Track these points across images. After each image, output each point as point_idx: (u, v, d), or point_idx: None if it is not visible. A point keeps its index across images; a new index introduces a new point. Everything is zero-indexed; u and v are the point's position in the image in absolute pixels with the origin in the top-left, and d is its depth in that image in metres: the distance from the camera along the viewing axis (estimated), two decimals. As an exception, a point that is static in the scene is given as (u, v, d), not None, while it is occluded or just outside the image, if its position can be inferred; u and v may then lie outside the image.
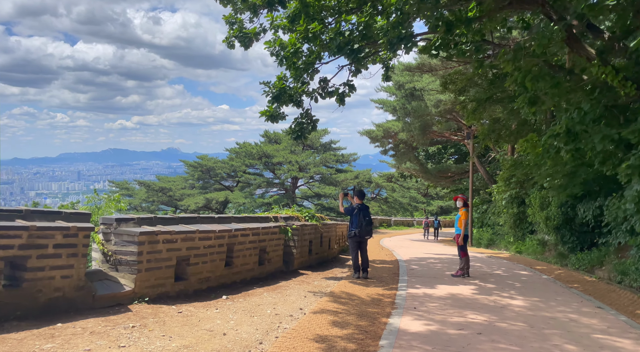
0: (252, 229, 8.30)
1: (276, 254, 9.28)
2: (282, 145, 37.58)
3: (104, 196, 12.28)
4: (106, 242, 6.18)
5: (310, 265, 10.85)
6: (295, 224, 9.96)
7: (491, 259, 14.44)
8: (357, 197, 9.51)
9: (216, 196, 36.14)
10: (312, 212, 11.43)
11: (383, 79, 12.47)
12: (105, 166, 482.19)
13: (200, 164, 38.86)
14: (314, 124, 9.23)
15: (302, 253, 10.37)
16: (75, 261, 5.39)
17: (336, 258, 13.23)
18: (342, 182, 38.47)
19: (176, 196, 37.86)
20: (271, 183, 38.00)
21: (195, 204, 35.66)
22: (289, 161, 35.26)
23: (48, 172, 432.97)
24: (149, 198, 37.97)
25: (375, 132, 26.73)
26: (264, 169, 37.99)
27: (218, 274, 7.51)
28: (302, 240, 10.29)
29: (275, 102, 8.96)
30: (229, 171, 39.51)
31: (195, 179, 40.59)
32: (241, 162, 37.42)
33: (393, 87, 25.96)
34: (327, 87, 9.40)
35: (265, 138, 40.81)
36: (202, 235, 7.10)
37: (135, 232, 6.05)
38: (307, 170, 36.49)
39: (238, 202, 35.96)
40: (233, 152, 39.57)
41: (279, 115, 9.05)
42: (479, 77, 13.28)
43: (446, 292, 7.98)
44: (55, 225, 5.19)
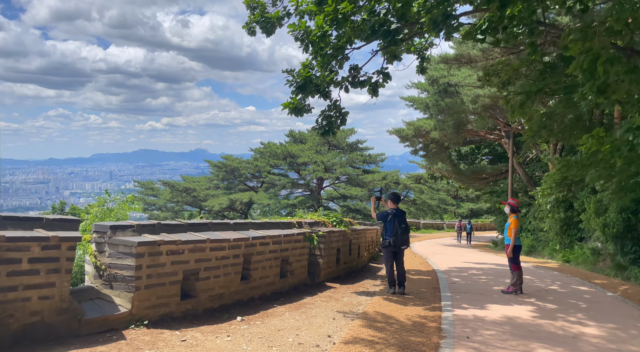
0: (272, 236, 7.26)
1: (300, 264, 8.22)
2: (308, 145, 36.56)
3: (116, 197, 11.52)
4: (99, 254, 5.24)
5: (338, 276, 9.74)
6: (322, 230, 8.88)
7: (539, 269, 12.99)
8: (391, 201, 8.36)
9: (240, 197, 35.44)
10: (339, 217, 10.33)
11: (418, 71, 11.23)
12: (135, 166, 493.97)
13: (224, 164, 38.27)
14: (343, 118, 8.13)
15: (329, 263, 9.27)
16: (57, 278, 4.45)
17: (366, 267, 12.08)
18: (369, 183, 37.18)
19: (200, 196, 37.38)
20: (296, 184, 37.05)
21: (220, 205, 35.05)
22: (314, 161, 34.23)
23: (82, 172, 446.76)
24: (174, 198, 37.62)
25: (405, 131, 25.39)
26: (289, 170, 37.07)
27: (233, 290, 6.49)
28: (329, 248, 9.19)
29: (299, 92, 7.90)
30: (254, 171, 38.77)
31: (220, 179, 40.05)
32: (266, 162, 36.61)
33: (425, 83, 24.57)
34: (358, 75, 8.29)
35: (290, 138, 39.90)
36: (214, 244, 6.10)
37: (133, 243, 5.09)
38: (333, 171, 35.36)
39: (262, 203, 35.13)
40: (257, 152, 38.82)
41: (304, 107, 7.99)
42: (527, 67, 11.87)
43: (501, 315, 6.74)
44: (30, 235, 4.26)
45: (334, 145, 38.02)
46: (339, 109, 8.19)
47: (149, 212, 39.42)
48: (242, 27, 9.03)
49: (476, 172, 29.26)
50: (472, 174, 29.27)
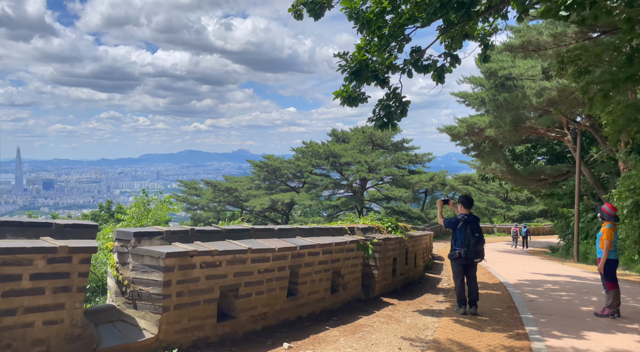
0: (322, 245, 6.24)
1: (353, 277, 7.15)
2: (351, 144, 35.40)
3: (153, 197, 10.89)
4: (122, 267, 4.39)
5: (395, 289, 8.60)
6: (377, 237, 7.78)
7: (623, 283, 11.28)
8: (462, 205, 7.15)
9: (282, 197, 34.78)
10: (393, 221, 9.18)
11: (480, 59, 9.88)
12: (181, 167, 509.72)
13: (266, 164, 37.77)
14: (403, 108, 7.00)
15: (385, 275, 8.15)
16: (66, 298, 3.62)
17: (422, 278, 10.85)
18: (416, 184, 35.54)
19: (242, 196, 37.03)
20: (338, 184, 35.97)
21: (261, 205, 34.53)
22: (357, 161, 33.04)
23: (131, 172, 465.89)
24: (216, 198, 37.50)
25: (457, 129, 23.79)
26: (331, 170, 36.04)
27: (278, 308, 5.52)
28: (385, 258, 8.08)
29: (353, 79, 6.85)
30: (295, 172, 38.05)
31: (262, 179, 39.61)
32: (307, 162, 35.78)
33: (481, 78, 22.91)
34: (421, 59, 7.14)
35: (332, 137, 38.87)
36: (256, 255, 5.15)
37: (161, 253, 4.20)
38: (377, 171, 34.03)
39: (304, 204, 34.32)
40: (299, 151, 38.06)
41: (359, 96, 6.92)
42: (612, 53, 10.27)
43: (607, 348, 5.40)
44: (32, 245, 3.43)
45: (377, 144, 36.68)
46: (399, 97, 7.07)
47: (192, 212, 39.56)
48: (288, 11, 8.06)
49: (534, 173, 27.14)
50: (529, 175, 27.18)
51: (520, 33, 15.60)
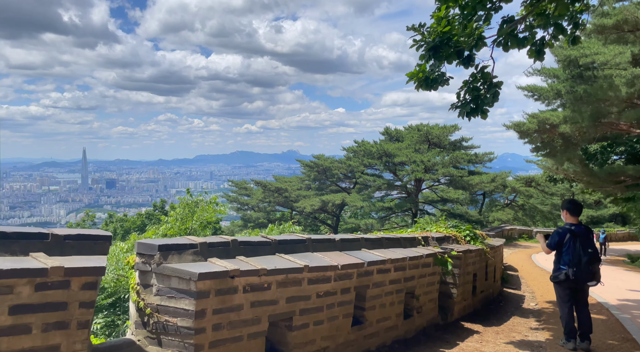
0: (394, 260, 5.02)
1: (429, 298, 5.87)
2: (405, 143, 33.66)
3: (198, 198, 10.10)
4: (143, 290, 3.40)
5: (475, 311, 7.21)
6: (455, 249, 6.44)
7: None
8: (567, 212, 5.70)
9: (332, 198, 33.67)
10: (470, 229, 7.79)
11: (567, 41, 8.25)
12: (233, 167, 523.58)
13: (316, 164, 36.82)
14: (495, 91, 5.65)
15: (465, 294, 6.80)
16: (63, 338, 2.65)
17: (502, 295, 9.32)
18: (476, 185, 33.24)
19: (292, 197, 36.30)
20: (392, 185, 34.35)
21: (311, 206, 33.60)
22: (412, 161, 31.32)
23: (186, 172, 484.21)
24: (266, 198, 37.02)
25: (526, 125, 21.60)
26: (384, 170, 34.48)
27: (341, 341, 4.37)
28: (465, 274, 6.73)
29: (432, 56, 5.57)
30: (346, 172, 36.81)
31: (312, 179, 38.71)
32: (359, 162, 34.46)
33: (554, 68, 20.68)
34: (516, 30, 5.75)
35: (385, 136, 37.27)
36: (314, 274, 4.03)
37: (192, 274, 3.17)
38: (434, 172, 32.12)
39: (355, 206, 33.04)
40: (350, 151, 36.79)
41: (438, 77, 5.64)
42: None
43: None
44: (13, 266, 2.48)
45: (434, 143, 34.68)
46: (489, 78, 5.70)
47: (242, 212, 39.36)
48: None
49: (613, 174, 24.28)
50: (607, 176, 24.35)
51: (615, 10, 13.55)
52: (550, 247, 5.65)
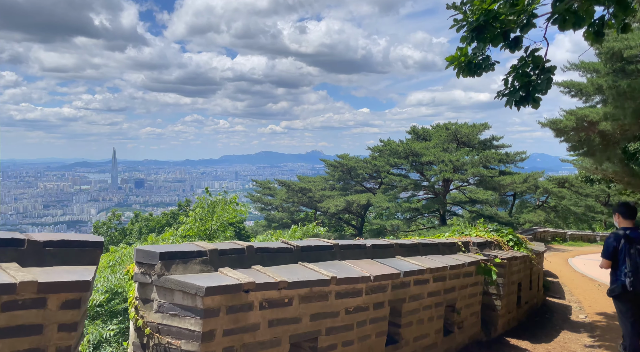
0: (434, 269, 4.40)
1: (471, 311, 5.22)
2: (433, 142, 32.65)
3: (217, 198, 9.65)
4: (143, 305, 2.89)
5: (520, 324, 6.50)
6: (499, 255, 5.76)
7: None
8: (620, 216, 4.97)
9: (357, 199, 32.97)
10: (512, 232, 7.06)
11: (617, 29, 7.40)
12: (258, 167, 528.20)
13: (340, 164, 36.17)
14: (549, 77, 4.95)
15: (509, 306, 6.10)
16: (36, 368, 2.16)
17: (546, 305, 8.52)
18: (508, 186, 31.95)
19: (316, 197, 35.74)
20: (419, 185, 33.39)
21: (336, 207, 32.98)
22: (441, 160, 30.33)
23: (212, 172, 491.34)
24: (289, 199, 36.60)
25: (563, 122, 20.48)
26: (411, 170, 33.55)
27: (373, 364, 3.78)
28: (509, 283, 6.03)
29: (475, 38, 4.92)
30: (371, 172, 36.02)
31: (336, 179, 38.07)
32: (385, 161, 33.64)
33: (594, 63, 19.50)
34: (572, 6, 5.04)
35: (412, 134, 36.30)
36: (343, 287, 3.46)
37: (198, 288, 2.64)
38: (463, 172, 31.02)
39: (381, 206, 32.25)
40: (376, 150, 35.99)
41: (483, 62, 4.99)
42: None
43: None
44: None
45: (463, 142, 33.53)
46: (541, 62, 5.00)
47: (266, 212, 39.06)
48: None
49: (657, 174, 22.88)
50: (650, 176, 22.96)
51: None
52: (607, 257, 4.92)
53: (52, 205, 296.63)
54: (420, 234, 30.62)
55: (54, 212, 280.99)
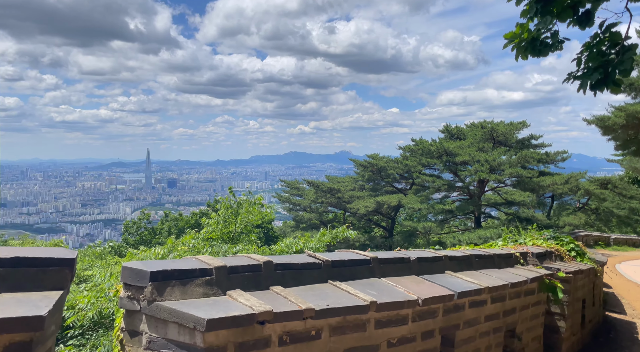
0: (492, 288, 3.62)
1: (532, 335, 4.40)
2: (467, 142, 31.32)
3: (241, 198, 9.08)
4: (130, 339, 2.27)
5: (585, 346, 5.61)
6: (562, 268, 4.91)
7: None
8: None
9: (388, 200, 31.99)
10: (572, 241, 6.16)
11: None
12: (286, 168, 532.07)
13: (370, 164, 35.27)
14: (630, 57, 4.10)
15: (574, 327, 5.23)
16: None
17: (608, 321, 7.53)
18: (548, 187, 30.30)
19: (345, 197, 34.98)
20: (453, 186, 32.14)
21: (365, 208, 32.13)
22: (476, 160, 29.00)
23: (242, 172, 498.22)
24: (318, 199, 35.97)
25: (612, 119, 19.04)
26: (444, 170, 32.31)
27: (421, 408, 3.05)
28: (575, 301, 5.16)
29: (539, 12, 4.12)
30: (402, 172, 34.96)
31: (365, 180, 37.20)
32: (417, 161, 32.52)
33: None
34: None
35: (445, 133, 35.01)
36: (384, 314, 2.75)
37: (198, 320, 1.99)
38: (500, 172, 29.62)
39: (412, 208, 31.19)
40: (407, 150, 34.88)
41: (552, 38, 4.18)
42: None
43: None
44: None
45: (499, 141, 32.04)
46: (619, 39, 4.15)
47: (294, 213, 38.59)
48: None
49: None
50: None
51: None
52: None
53: (90, 204, 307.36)
54: (455, 237, 29.44)
55: (91, 210, 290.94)
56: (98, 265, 9.03)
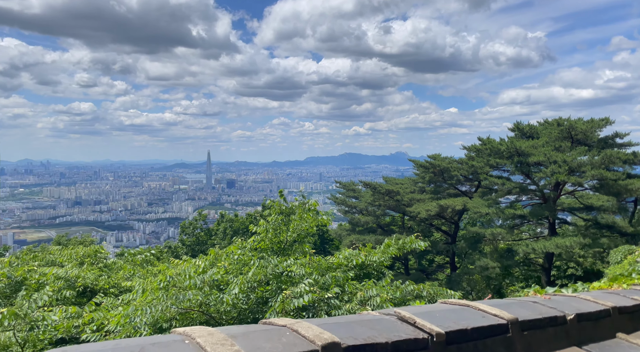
0: None
1: None
2: (542, 141, 28.45)
3: (294, 204, 7.90)
4: None
5: None
6: None
7: None
8: None
9: (452, 203, 29.77)
10: None
11: None
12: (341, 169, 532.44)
13: (432, 165, 33.13)
14: None
15: None
16: None
17: None
18: (637, 190, 26.91)
19: (404, 200, 33.10)
20: (525, 189, 29.40)
21: (427, 212, 30.12)
22: (553, 161, 26.17)
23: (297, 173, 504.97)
24: (375, 201, 34.34)
25: None
26: (515, 171, 29.62)
27: None
28: None
29: None
30: (467, 173, 32.55)
31: (426, 181, 35.09)
32: (484, 162, 30.02)
33: None
34: None
35: (516, 132, 32.15)
36: None
37: None
38: (580, 174, 26.62)
39: (479, 212, 28.82)
40: (472, 149, 32.39)
41: None
42: None
43: None
44: None
45: (578, 140, 28.91)
46: None
47: (350, 215, 37.22)
48: None
49: None
50: None
51: None
52: None
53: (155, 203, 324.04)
54: (528, 245, 26.82)
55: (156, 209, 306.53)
56: (140, 273, 8.30)
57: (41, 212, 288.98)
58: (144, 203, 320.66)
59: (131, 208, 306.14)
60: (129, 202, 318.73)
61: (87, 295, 7.27)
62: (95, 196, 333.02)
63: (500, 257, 30.16)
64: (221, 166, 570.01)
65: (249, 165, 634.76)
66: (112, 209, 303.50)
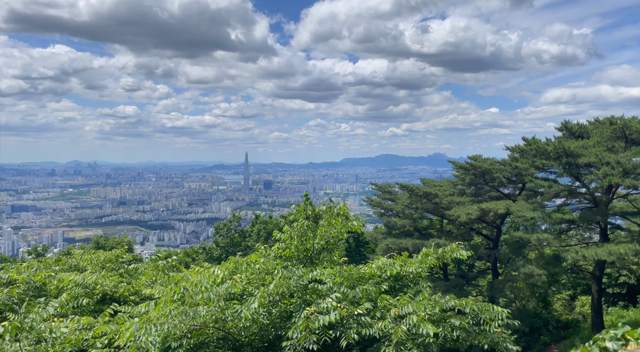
0: None
1: None
2: (593, 141, 26.55)
3: (320, 208, 7.26)
4: None
5: None
6: None
7: None
8: None
9: (494, 206, 28.27)
10: None
11: None
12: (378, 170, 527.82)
13: (472, 166, 31.64)
14: None
15: None
16: None
17: None
18: (703, 195, 24.61)
19: (443, 203, 31.80)
20: (573, 192, 27.54)
21: (467, 215, 28.77)
22: (605, 162, 24.34)
23: (333, 175, 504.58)
24: (412, 204, 33.15)
25: None
26: (563, 173, 27.80)
27: None
28: None
29: None
30: (510, 175, 30.89)
31: (466, 184, 33.58)
32: (529, 163, 28.34)
33: None
34: None
35: (563, 131, 30.18)
36: None
37: None
38: (636, 176, 24.63)
39: (524, 216, 27.21)
40: (516, 150, 30.69)
41: None
42: None
43: None
44: None
45: (632, 140, 26.83)
46: None
47: (386, 218, 36.21)
48: None
49: None
50: None
51: None
52: None
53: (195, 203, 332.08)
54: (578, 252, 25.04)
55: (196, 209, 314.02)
56: (162, 280, 7.93)
57: (89, 211, 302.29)
58: (184, 203, 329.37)
59: (172, 208, 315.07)
60: (170, 203, 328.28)
61: (107, 302, 6.96)
62: (138, 196, 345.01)
63: (547, 264, 28.41)
64: (258, 167, 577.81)
65: (286, 167, 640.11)
66: (154, 209, 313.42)
